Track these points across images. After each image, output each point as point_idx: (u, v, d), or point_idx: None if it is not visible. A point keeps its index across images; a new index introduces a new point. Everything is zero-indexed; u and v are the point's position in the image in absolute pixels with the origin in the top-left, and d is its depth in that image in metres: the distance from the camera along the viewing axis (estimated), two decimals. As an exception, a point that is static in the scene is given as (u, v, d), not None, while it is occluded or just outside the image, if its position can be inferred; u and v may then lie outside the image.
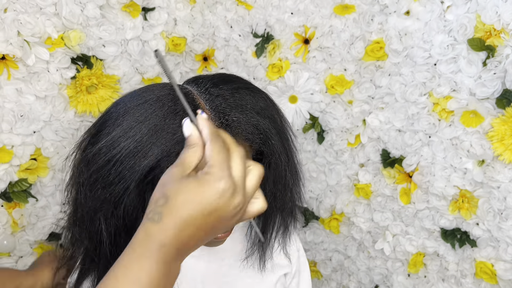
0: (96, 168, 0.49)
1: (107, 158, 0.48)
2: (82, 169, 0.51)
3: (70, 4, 0.88)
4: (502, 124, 0.86)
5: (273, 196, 0.60)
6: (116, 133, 0.49)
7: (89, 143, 0.51)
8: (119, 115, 0.50)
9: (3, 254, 0.96)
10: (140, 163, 0.47)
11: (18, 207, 0.95)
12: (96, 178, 0.49)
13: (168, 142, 0.47)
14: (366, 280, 1.16)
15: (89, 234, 0.52)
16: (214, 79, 0.55)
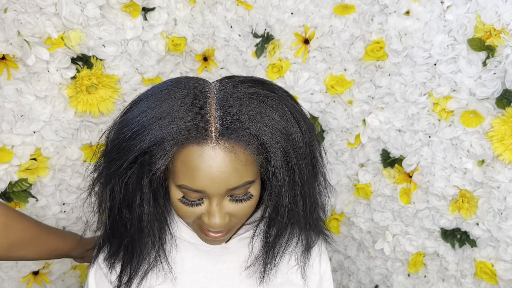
0: (109, 141, 0.55)
1: (116, 135, 0.53)
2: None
3: (70, 4, 0.88)
4: (502, 124, 0.86)
5: (275, 211, 0.58)
6: (130, 115, 0.53)
7: (116, 122, 0.57)
8: (141, 100, 0.54)
9: (3, 254, 0.96)
10: (135, 145, 0.51)
11: (18, 207, 0.95)
12: (109, 151, 0.55)
13: (165, 131, 0.50)
14: (366, 280, 1.16)
15: (100, 203, 0.58)
16: (243, 80, 0.55)
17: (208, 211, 0.55)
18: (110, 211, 0.57)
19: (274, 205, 0.57)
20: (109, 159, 0.54)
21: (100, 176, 0.58)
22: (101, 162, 0.57)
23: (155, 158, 0.51)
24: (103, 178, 0.56)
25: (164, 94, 0.53)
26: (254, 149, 0.51)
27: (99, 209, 0.60)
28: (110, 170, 0.54)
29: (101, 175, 0.57)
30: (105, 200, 0.57)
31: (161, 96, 0.53)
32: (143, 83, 1.03)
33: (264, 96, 0.53)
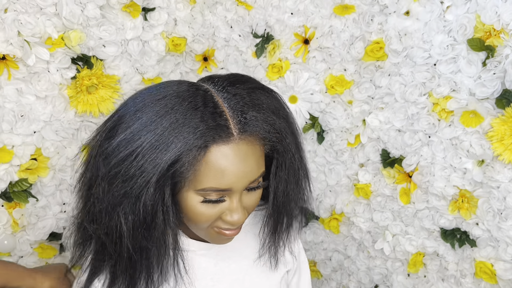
0: (116, 162, 0.50)
1: (127, 152, 0.49)
2: (100, 164, 0.51)
3: (70, 4, 0.88)
4: (502, 124, 0.86)
5: (286, 195, 0.61)
6: (136, 127, 0.50)
7: (106, 137, 0.52)
8: (138, 110, 0.51)
9: (3, 254, 0.96)
10: (162, 157, 0.48)
11: (18, 207, 0.95)
12: (117, 172, 0.50)
13: (190, 136, 0.48)
14: (366, 280, 1.16)
15: (107, 230, 0.52)
16: (230, 78, 0.56)
17: (230, 208, 0.55)
18: (120, 233, 0.52)
19: (278, 190, 0.60)
20: (124, 178, 0.49)
21: (99, 203, 0.52)
22: (100, 187, 0.51)
23: (185, 167, 0.49)
24: (105, 204, 0.51)
25: (168, 100, 0.51)
26: (270, 138, 0.54)
27: (94, 235, 0.55)
28: (121, 192, 0.50)
29: (99, 202, 0.52)
30: (116, 226, 0.51)
31: (167, 102, 0.51)
32: (143, 83, 1.03)
33: (260, 89, 0.56)
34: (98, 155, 0.52)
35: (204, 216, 0.54)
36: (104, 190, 0.51)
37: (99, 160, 0.52)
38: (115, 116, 0.53)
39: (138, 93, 0.54)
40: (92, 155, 0.53)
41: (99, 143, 0.53)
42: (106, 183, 0.50)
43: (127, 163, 0.49)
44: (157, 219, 0.51)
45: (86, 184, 0.54)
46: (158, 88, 0.53)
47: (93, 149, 0.54)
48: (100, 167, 0.51)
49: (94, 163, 0.52)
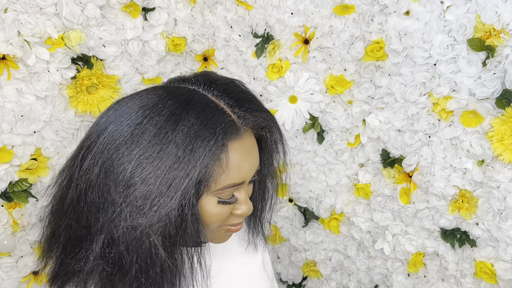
0: (140, 190, 0.47)
1: (148, 177, 0.47)
2: (111, 193, 0.48)
3: (70, 4, 0.88)
4: (502, 124, 0.86)
5: (271, 180, 0.65)
6: (144, 151, 0.47)
7: (110, 165, 0.48)
8: (135, 134, 0.48)
9: (3, 254, 0.96)
10: (190, 170, 0.47)
11: (18, 207, 0.95)
12: (141, 198, 0.47)
13: (211, 142, 0.48)
14: (366, 280, 1.16)
15: (137, 255, 0.48)
16: (205, 76, 0.56)
17: (240, 201, 0.55)
18: (151, 259, 0.48)
19: (265, 175, 0.63)
20: (147, 206, 0.46)
21: (123, 239, 0.47)
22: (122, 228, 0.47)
23: (216, 172, 0.49)
24: (131, 238, 0.47)
25: (168, 112, 0.48)
26: (267, 126, 0.56)
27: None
28: (151, 216, 0.47)
29: (127, 236, 0.48)
30: (145, 250, 0.48)
31: (168, 116, 0.48)
32: (143, 83, 1.03)
33: (233, 82, 0.57)
34: (104, 184, 0.48)
35: (219, 216, 0.54)
36: (126, 217, 0.47)
37: (107, 190, 0.48)
38: (99, 145, 0.49)
39: (120, 113, 0.50)
40: (90, 184, 0.49)
41: (100, 172, 0.48)
42: (129, 211, 0.47)
43: (152, 188, 0.47)
44: (188, 231, 0.49)
45: (89, 211, 0.49)
46: (143, 106, 0.49)
47: (85, 177, 0.49)
48: (114, 196, 0.47)
49: (97, 191, 0.48)
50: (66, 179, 0.52)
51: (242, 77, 1.06)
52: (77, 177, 0.50)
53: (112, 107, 0.53)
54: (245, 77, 1.07)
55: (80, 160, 0.50)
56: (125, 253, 0.48)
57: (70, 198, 0.51)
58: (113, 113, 0.51)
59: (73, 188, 0.50)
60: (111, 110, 0.52)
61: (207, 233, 0.57)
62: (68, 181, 0.52)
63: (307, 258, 1.20)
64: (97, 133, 0.51)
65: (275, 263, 1.25)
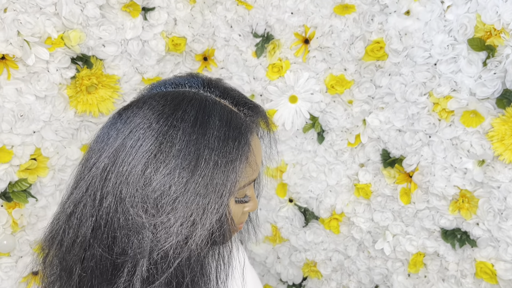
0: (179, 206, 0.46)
1: (188, 193, 0.45)
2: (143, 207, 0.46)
3: (70, 4, 0.88)
4: (502, 124, 0.86)
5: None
6: (177, 166, 0.44)
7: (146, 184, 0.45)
8: (161, 151, 0.45)
9: (3, 254, 0.96)
10: (230, 178, 0.46)
11: (18, 207, 0.95)
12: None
13: (242, 142, 0.48)
14: (366, 280, 1.16)
15: (193, 272, 0.46)
16: (195, 78, 0.56)
17: (250, 198, 0.55)
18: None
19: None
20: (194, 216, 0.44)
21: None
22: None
23: (245, 172, 0.48)
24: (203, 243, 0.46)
25: (191, 119, 0.47)
26: (265, 119, 0.56)
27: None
28: (205, 225, 0.45)
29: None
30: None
31: (192, 122, 0.47)
32: (143, 83, 1.03)
33: (222, 80, 0.57)
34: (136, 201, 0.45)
35: (237, 216, 0.53)
36: (173, 233, 0.45)
37: (147, 213, 0.45)
38: (119, 171, 0.45)
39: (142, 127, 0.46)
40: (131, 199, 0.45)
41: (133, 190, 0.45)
42: (177, 227, 0.45)
43: (198, 199, 0.45)
44: (226, 234, 0.49)
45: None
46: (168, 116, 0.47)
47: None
48: (157, 218, 0.45)
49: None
50: (85, 215, 0.48)
51: (242, 77, 1.06)
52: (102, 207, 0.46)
53: (118, 119, 0.48)
54: (245, 77, 1.06)
55: (99, 191, 0.46)
56: (177, 270, 0.45)
57: (90, 229, 0.47)
58: (124, 126, 0.47)
59: (99, 218, 0.47)
60: (119, 123, 0.48)
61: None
62: (89, 216, 0.48)
63: (307, 258, 1.20)
64: (112, 154, 0.46)
65: (275, 263, 1.25)
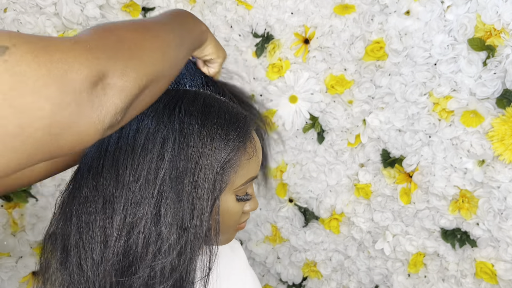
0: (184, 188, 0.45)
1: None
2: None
3: (70, 4, 0.88)
4: (502, 124, 0.86)
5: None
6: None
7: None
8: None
9: (3, 254, 0.96)
10: (213, 163, 0.46)
11: (18, 207, 0.95)
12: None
13: (239, 130, 0.47)
14: (366, 280, 1.16)
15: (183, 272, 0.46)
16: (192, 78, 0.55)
17: (251, 195, 0.54)
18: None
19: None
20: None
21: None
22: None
23: (241, 163, 0.48)
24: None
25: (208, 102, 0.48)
26: (262, 119, 0.56)
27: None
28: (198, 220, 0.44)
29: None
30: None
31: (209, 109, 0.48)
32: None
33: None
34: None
35: (239, 214, 0.52)
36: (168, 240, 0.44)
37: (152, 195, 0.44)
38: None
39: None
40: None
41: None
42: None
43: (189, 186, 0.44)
44: (210, 234, 0.47)
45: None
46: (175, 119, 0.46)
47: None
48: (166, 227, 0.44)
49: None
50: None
51: (242, 76, 1.06)
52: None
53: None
54: (245, 77, 1.06)
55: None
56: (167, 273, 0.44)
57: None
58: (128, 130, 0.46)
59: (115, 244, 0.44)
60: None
61: (224, 235, 0.54)
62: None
63: (307, 258, 1.20)
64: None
65: (275, 263, 1.25)
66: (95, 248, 0.44)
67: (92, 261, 0.44)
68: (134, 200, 0.44)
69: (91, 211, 0.45)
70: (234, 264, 0.65)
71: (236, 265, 0.66)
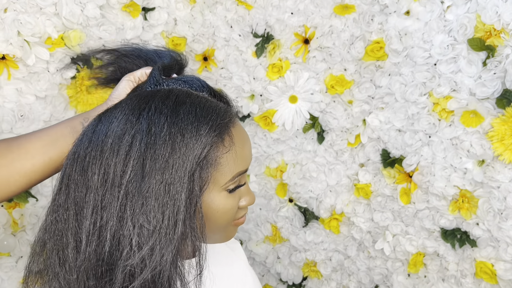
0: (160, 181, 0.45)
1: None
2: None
3: (70, 4, 0.88)
4: (502, 124, 0.86)
5: None
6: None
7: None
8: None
9: (3, 254, 0.96)
10: (187, 159, 0.45)
11: (18, 207, 0.95)
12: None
13: (214, 125, 0.47)
14: (366, 280, 1.16)
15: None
16: (173, 77, 0.55)
17: (246, 190, 0.54)
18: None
19: None
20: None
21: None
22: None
23: (223, 160, 0.48)
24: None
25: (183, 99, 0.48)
26: (238, 109, 0.57)
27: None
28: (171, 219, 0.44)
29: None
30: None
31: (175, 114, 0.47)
32: (143, 83, 1.03)
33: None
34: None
35: (233, 210, 0.51)
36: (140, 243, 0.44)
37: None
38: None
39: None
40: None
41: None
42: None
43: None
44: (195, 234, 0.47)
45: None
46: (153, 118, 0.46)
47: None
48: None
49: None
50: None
51: (242, 77, 1.06)
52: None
53: (98, 122, 0.47)
54: (245, 77, 1.06)
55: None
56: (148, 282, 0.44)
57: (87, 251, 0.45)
58: (100, 132, 0.46)
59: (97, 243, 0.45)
60: (98, 126, 0.47)
61: (221, 233, 0.54)
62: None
63: (307, 258, 1.20)
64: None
65: (275, 263, 1.25)
66: (69, 254, 0.45)
67: (68, 267, 0.45)
68: (102, 204, 0.44)
69: (64, 218, 0.46)
70: (234, 263, 0.65)
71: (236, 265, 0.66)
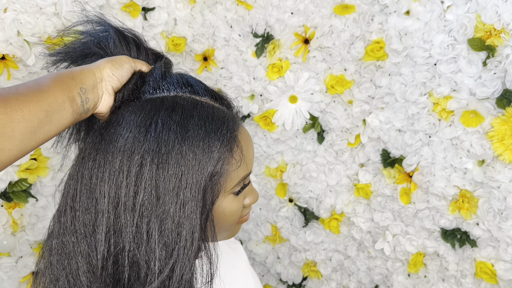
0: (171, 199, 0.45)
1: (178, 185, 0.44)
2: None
3: (70, 4, 0.88)
4: (502, 124, 0.86)
5: None
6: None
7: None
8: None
9: (3, 254, 0.96)
10: (203, 171, 0.44)
11: (18, 207, 0.95)
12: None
13: (224, 133, 0.46)
14: (366, 280, 1.16)
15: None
16: (172, 79, 0.53)
17: (249, 190, 0.53)
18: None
19: None
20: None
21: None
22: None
23: (231, 166, 0.47)
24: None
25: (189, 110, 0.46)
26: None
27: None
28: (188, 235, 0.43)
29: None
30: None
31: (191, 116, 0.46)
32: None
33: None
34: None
35: (239, 211, 0.51)
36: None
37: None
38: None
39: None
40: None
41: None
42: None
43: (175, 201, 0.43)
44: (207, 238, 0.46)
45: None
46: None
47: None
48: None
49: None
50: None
51: (242, 77, 1.06)
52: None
53: (101, 140, 0.46)
54: (245, 77, 1.06)
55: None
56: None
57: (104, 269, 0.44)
58: (106, 151, 0.45)
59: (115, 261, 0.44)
60: (102, 144, 0.45)
61: (226, 232, 0.54)
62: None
63: (307, 258, 1.20)
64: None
65: (275, 263, 1.25)
66: (80, 278, 0.43)
67: None
68: (115, 227, 0.43)
69: (73, 241, 0.44)
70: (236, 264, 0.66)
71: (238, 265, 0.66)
